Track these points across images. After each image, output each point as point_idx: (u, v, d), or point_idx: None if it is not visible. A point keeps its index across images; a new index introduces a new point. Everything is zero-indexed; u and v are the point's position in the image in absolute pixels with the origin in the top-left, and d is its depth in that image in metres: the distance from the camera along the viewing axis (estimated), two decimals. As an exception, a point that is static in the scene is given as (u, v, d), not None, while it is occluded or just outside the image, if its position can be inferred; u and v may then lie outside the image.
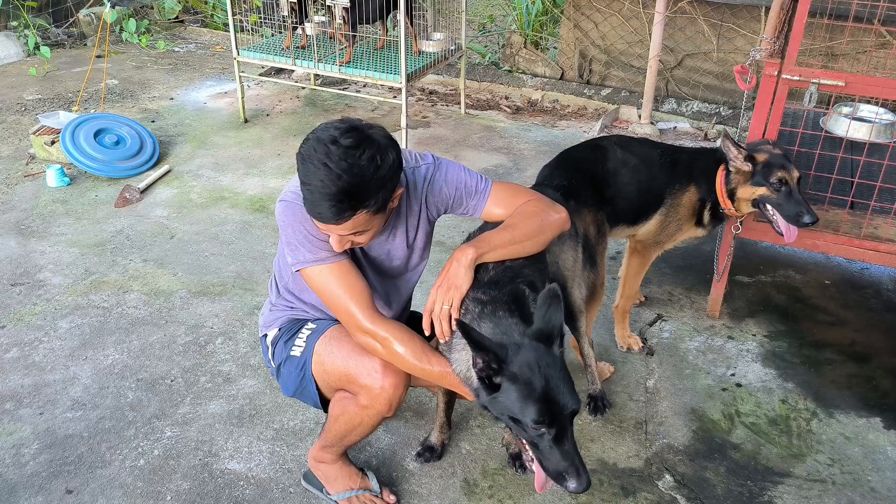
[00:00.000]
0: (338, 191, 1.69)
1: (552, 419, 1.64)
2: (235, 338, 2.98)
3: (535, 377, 1.64)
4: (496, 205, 2.04)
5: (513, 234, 1.95)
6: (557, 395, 1.64)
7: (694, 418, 2.64)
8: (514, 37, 6.32)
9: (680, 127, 5.30)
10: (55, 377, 2.75)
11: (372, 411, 1.97)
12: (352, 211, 1.74)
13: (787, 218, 2.62)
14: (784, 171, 2.58)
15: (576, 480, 1.63)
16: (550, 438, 1.65)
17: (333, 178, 1.69)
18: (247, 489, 2.30)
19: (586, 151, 2.80)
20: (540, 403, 1.63)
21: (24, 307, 3.16)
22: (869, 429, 2.61)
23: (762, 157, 2.61)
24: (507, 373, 1.66)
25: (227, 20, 6.14)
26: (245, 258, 3.56)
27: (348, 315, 1.90)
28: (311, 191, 1.73)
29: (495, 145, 4.95)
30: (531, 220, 1.98)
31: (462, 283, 1.85)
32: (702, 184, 2.77)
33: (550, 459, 1.66)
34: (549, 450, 1.66)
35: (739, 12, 5.23)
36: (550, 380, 1.64)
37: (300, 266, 1.91)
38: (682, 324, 3.16)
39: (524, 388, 1.64)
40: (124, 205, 4.04)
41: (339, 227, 1.78)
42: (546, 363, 1.65)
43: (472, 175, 2.06)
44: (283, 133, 5.06)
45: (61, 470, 2.35)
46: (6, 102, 5.38)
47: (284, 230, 1.92)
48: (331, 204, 1.71)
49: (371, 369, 1.92)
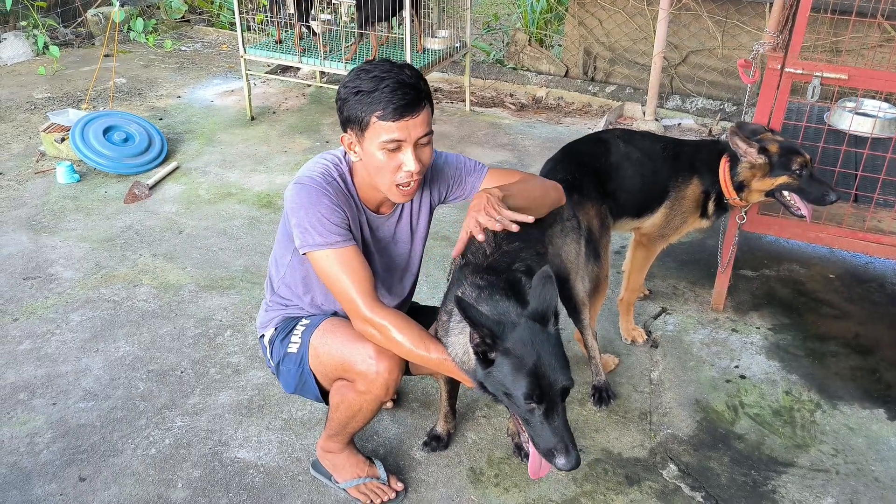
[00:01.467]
0: (409, 77, 1.83)
1: (542, 394, 1.66)
2: (244, 330, 3.02)
3: (527, 353, 1.67)
4: (493, 182, 2.13)
5: (524, 186, 2.08)
6: (548, 370, 1.67)
7: (698, 409, 2.67)
8: (518, 34, 6.34)
9: (684, 123, 5.32)
10: (67, 368, 2.79)
11: (370, 396, 2.01)
12: (425, 100, 1.86)
13: (810, 200, 2.63)
14: (801, 156, 2.60)
15: (564, 457, 1.65)
16: (541, 414, 1.67)
17: (399, 71, 1.83)
18: (256, 477, 2.34)
19: (590, 145, 2.82)
20: (531, 378, 1.66)
21: (37, 300, 3.20)
22: (872, 420, 2.63)
23: (774, 147, 2.62)
24: (500, 348, 1.70)
25: (232, 19, 6.19)
26: (253, 253, 3.60)
27: (350, 302, 1.92)
28: (387, 86, 1.80)
29: (500, 142, 4.98)
30: (534, 182, 2.14)
31: (498, 204, 1.89)
32: (705, 176, 2.79)
33: (541, 436, 1.68)
34: (539, 426, 1.68)
35: (744, 9, 5.25)
36: (542, 356, 1.67)
37: (309, 249, 1.92)
38: (686, 317, 3.18)
39: (516, 363, 1.68)
40: (133, 201, 4.08)
41: (417, 120, 1.84)
42: (539, 340, 1.69)
43: (468, 159, 2.19)
44: (289, 130, 5.10)
45: (74, 458, 2.39)
46: (16, 101, 5.44)
47: (296, 212, 1.92)
48: (406, 91, 1.81)
49: (366, 356, 1.96)
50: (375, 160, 1.88)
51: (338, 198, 1.95)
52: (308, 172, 1.98)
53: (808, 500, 2.30)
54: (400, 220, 2.14)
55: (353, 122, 1.88)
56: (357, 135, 1.90)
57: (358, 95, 1.84)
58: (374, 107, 1.82)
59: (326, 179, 1.96)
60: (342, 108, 1.90)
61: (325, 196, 1.92)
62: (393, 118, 1.82)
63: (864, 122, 3.20)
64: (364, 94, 1.83)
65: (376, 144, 1.85)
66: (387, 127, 1.82)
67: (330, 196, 1.93)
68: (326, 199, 1.92)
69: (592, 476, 2.37)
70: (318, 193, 1.92)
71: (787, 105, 2.76)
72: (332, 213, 1.91)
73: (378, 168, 1.90)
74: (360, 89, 1.83)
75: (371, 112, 1.82)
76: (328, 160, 2.03)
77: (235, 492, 2.28)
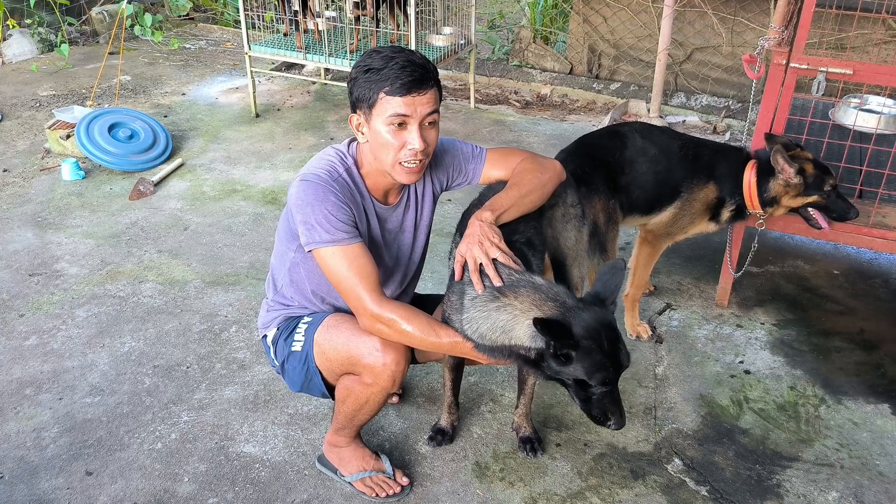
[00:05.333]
0: (418, 57, 1.89)
1: (613, 378, 1.79)
2: (249, 326, 3.03)
3: (599, 343, 1.75)
4: (493, 167, 2.19)
5: (520, 191, 2.07)
6: (620, 356, 1.78)
7: (703, 404, 2.67)
8: (523, 31, 6.34)
9: (689, 121, 5.31)
10: (73, 364, 2.81)
11: (377, 388, 2.02)
12: (432, 80, 1.89)
13: (833, 217, 2.74)
14: (832, 178, 2.68)
15: (618, 422, 1.84)
16: (603, 391, 1.80)
17: (409, 53, 1.90)
18: (262, 471, 2.34)
19: (605, 138, 2.81)
20: (607, 370, 1.77)
21: (42, 296, 3.21)
22: (877, 414, 2.63)
23: (810, 168, 2.67)
24: (580, 345, 1.75)
25: (237, 17, 6.20)
26: (258, 249, 3.61)
27: (357, 299, 1.92)
28: (397, 63, 1.85)
29: (505, 139, 4.98)
30: (531, 175, 2.11)
31: (493, 236, 1.92)
32: (725, 183, 2.78)
33: (598, 407, 1.83)
34: (599, 400, 1.82)
35: (749, 6, 5.24)
36: (613, 343, 1.76)
37: (315, 246, 1.92)
38: (691, 312, 3.18)
39: (593, 357, 1.75)
40: (138, 197, 4.09)
41: (423, 98, 1.87)
42: (604, 325, 1.76)
43: (465, 144, 2.21)
44: (293, 127, 5.11)
45: (81, 453, 2.41)
46: (21, 98, 5.45)
47: (302, 209, 1.93)
48: (414, 68, 1.85)
49: (372, 348, 1.97)
50: (381, 137, 1.90)
51: (344, 194, 1.95)
52: (313, 169, 1.98)
53: (813, 494, 2.31)
54: (407, 210, 2.15)
55: (362, 100, 1.90)
56: (365, 113, 1.92)
57: (368, 73, 1.87)
58: (382, 83, 1.85)
59: (332, 176, 1.97)
60: (352, 88, 1.93)
61: (331, 193, 1.92)
62: (400, 93, 1.85)
63: (868, 118, 3.20)
64: (374, 71, 1.86)
65: (382, 120, 1.88)
66: (394, 102, 1.85)
67: (336, 193, 1.93)
68: (333, 195, 1.92)
69: (598, 470, 2.38)
70: (325, 190, 1.92)
71: (791, 101, 2.76)
72: (339, 210, 1.91)
73: (382, 145, 1.91)
74: (371, 67, 1.87)
75: (379, 88, 1.86)
76: (332, 155, 2.04)
77: (241, 486, 2.29)
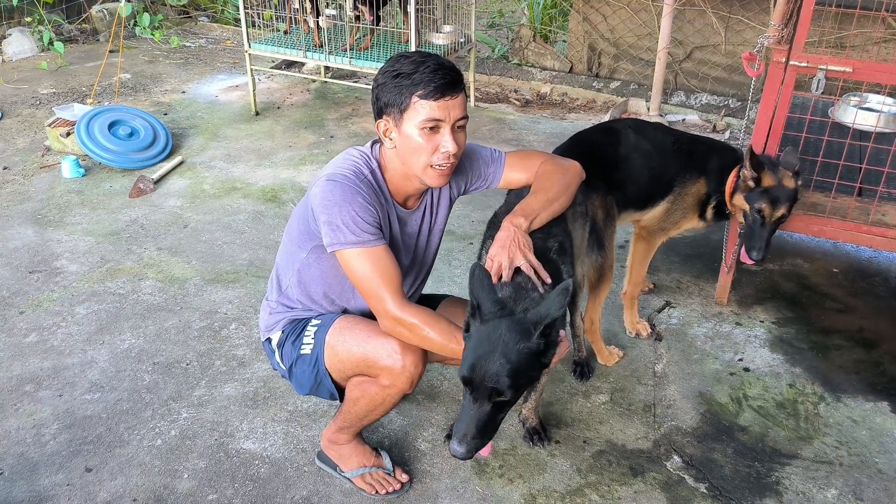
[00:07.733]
0: (447, 61, 1.88)
1: (473, 382, 1.72)
2: (249, 323, 3.03)
3: (482, 343, 1.73)
4: (513, 170, 2.16)
5: (547, 195, 2.05)
6: (488, 364, 1.70)
7: (702, 402, 2.67)
8: (523, 30, 6.34)
9: (689, 119, 5.31)
10: (73, 361, 2.81)
11: (394, 390, 2.01)
12: (462, 84, 1.89)
13: (744, 242, 2.75)
14: (768, 206, 2.61)
15: (456, 442, 1.73)
16: (469, 398, 1.76)
17: (437, 56, 1.89)
18: (262, 468, 2.35)
19: (600, 135, 2.82)
20: (468, 364, 1.73)
21: (42, 294, 3.21)
22: (876, 412, 2.64)
23: (767, 182, 2.62)
24: (472, 328, 1.79)
25: (237, 15, 6.21)
26: (258, 247, 3.61)
27: (379, 301, 1.90)
28: (428, 67, 1.84)
29: (505, 137, 4.98)
30: (555, 176, 2.10)
31: (527, 242, 1.94)
32: (712, 180, 2.79)
33: (460, 417, 1.78)
34: (464, 408, 1.77)
35: (748, 4, 5.24)
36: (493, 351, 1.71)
37: (340, 247, 1.89)
38: (690, 310, 3.18)
39: (471, 346, 1.76)
40: (138, 195, 4.10)
41: (456, 101, 1.87)
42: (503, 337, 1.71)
43: (483, 147, 2.19)
44: (293, 125, 5.11)
45: (81, 449, 2.41)
46: (21, 96, 5.45)
47: (328, 209, 1.89)
48: (445, 72, 1.85)
49: (391, 350, 1.95)
50: (412, 142, 1.88)
51: (370, 196, 1.93)
52: (339, 169, 1.94)
53: (812, 491, 2.31)
54: (424, 213, 2.13)
55: (391, 105, 1.88)
56: (395, 118, 1.89)
57: (397, 78, 1.85)
58: (414, 88, 1.83)
59: (359, 177, 1.94)
60: (379, 94, 1.90)
61: (358, 194, 1.90)
62: (434, 97, 1.83)
63: (868, 116, 3.20)
64: (404, 76, 1.84)
65: (415, 124, 1.86)
66: (428, 106, 1.84)
67: (363, 194, 1.91)
68: (360, 196, 1.90)
69: (597, 467, 2.38)
70: (352, 191, 1.89)
71: (791, 99, 2.76)
72: (366, 212, 1.89)
73: (414, 149, 1.89)
74: (400, 72, 1.85)
75: (412, 93, 1.84)
76: (357, 157, 2.01)
77: (241, 482, 2.29)
